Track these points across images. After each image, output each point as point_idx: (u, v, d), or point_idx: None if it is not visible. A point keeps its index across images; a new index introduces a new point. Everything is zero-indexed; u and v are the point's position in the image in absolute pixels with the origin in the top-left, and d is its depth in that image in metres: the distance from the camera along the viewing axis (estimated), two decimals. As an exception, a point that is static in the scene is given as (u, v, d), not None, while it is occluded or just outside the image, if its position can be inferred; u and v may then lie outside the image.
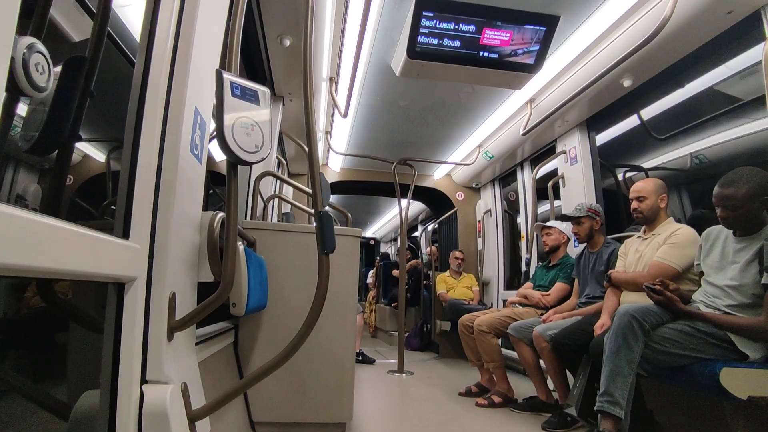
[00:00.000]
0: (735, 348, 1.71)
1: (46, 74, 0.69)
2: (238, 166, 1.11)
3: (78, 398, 0.91)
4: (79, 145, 1.30)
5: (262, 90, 1.12)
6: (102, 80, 0.99)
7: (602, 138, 3.60)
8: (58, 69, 0.86)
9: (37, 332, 1.08)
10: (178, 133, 1.06)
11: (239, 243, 1.49)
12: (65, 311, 1.09)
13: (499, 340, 2.97)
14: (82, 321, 1.09)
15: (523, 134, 3.54)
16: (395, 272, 6.63)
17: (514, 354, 2.88)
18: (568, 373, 2.41)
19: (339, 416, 2.11)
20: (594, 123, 3.43)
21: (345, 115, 3.34)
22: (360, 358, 4.25)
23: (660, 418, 2.12)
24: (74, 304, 1.10)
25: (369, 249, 11.71)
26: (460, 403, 2.90)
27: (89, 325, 1.07)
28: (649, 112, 3.27)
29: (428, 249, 5.73)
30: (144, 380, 0.92)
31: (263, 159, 1.10)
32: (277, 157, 3.61)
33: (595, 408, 1.78)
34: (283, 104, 3.26)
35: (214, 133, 1.06)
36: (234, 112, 1.04)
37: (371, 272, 7.83)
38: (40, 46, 0.68)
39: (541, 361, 2.60)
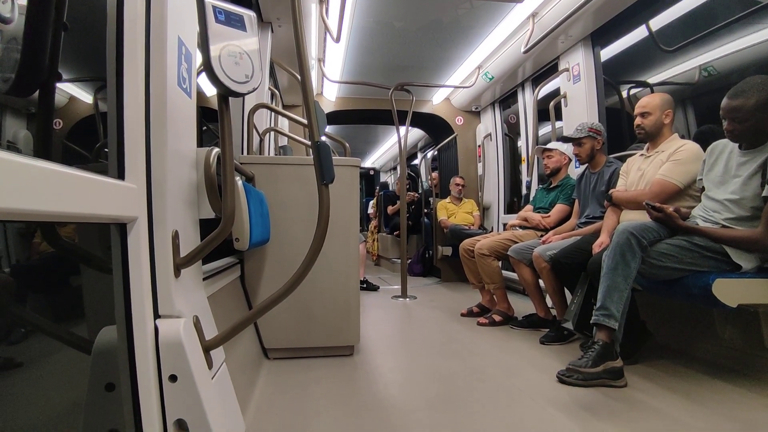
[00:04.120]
0: (729, 260, 1.75)
1: (9, 2, 0.64)
2: (230, 99, 1.07)
3: (96, 334, 0.95)
4: (64, 86, 1.25)
5: (248, 14, 1.05)
6: (75, 12, 0.93)
7: (606, 53, 3.44)
8: (24, 2, 0.80)
9: (50, 275, 1.11)
10: (163, 66, 1.01)
11: (237, 178, 1.49)
12: (73, 254, 1.10)
13: (500, 263, 3.05)
14: (90, 263, 1.11)
15: (525, 52, 3.39)
16: (390, 209, 6.68)
17: (514, 275, 2.97)
18: (566, 291, 2.50)
19: (347, 339, 2.23)
20: (599, 37, 3.26)
21: (338, 40, 3.18)
22: (364, 285, 4.40)
23: (652, 328, 2.23)
24: (81, 247, 1.11)
25: (369, 179, 11.70)
26: (462, 323, 3.04)
27: (98, 266, 1.09)
28: (658, 22, 3.08)
29: (430, 176, 5.72)
30: (157, 315, 0.95)
31: (255, 89, 1.06)
32: (269, 89, 3.49)
33: (591, 321, 1.87)
34: (272, 31, 3.09)
35: (202, 67, 1.01)
36: (220, 41, 0.98)
37: (372, 202, 7.88)
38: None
39: (541, 281, 2.68)
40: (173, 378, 0.93)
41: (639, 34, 3.27)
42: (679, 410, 1.57)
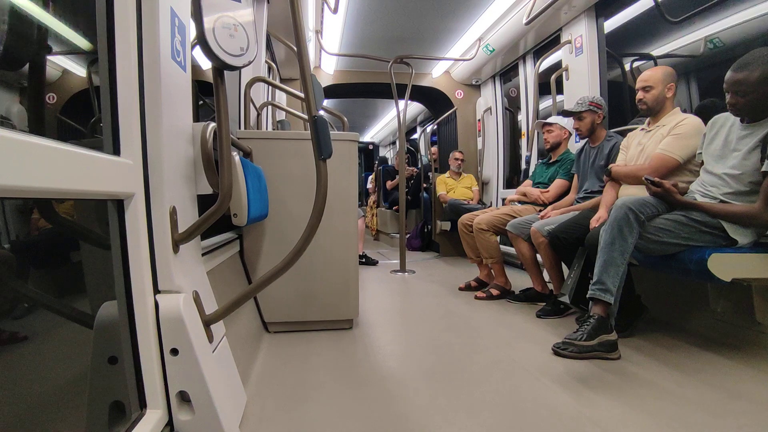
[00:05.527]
0: (725, 235, 1.76)
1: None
2: (225, 73, 1.05)
3: (98, 309, 0.96)
4: (56, 59, 1.23)
5: (241, -17, 1.02)
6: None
7: (610, 25, 3.36)
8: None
9: (50, 251, 1.11)
10: (156, 38, 0.99)
11: (234, 153, 1.48)
12: (72, 231, 1.11)
13: (498, 237, 3.06)
14: (89, 239, 1.11)
15: (527, 23, 3.31)
16: (389, 184, 6.65)
17: (511, 250, 2.99)
18: (563, 265, 2.52)
19: (346, 313, 2.26)
20: (603, 8, 3.18)
21: (335, 11, 3.10)
22: (363, 260, 4.42)
23: (647, 301, 2.26)
24: (80, 224, 1.11)
25: (368, 154, 11.61)
26: (460, 296, 3.08)
27: (97, 242, 1.09)
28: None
29: (429, 150, 5.68)
30: (157, 291, 0.96)
31: (250, 62, 1.04)
32: (266, 62, 3.43)
33: (587, 295, 1.89)
34: (268, 2, 3.01)
35: (196, 39, 0.99)
36: (213, 12, 0.96)
37: (371, 177, 7.85)
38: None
39: (538, 256, 2.70)
40: (174, 351, 0.95)
41: (644, 4, 3.19)
42: (669, 381, 1.61)
